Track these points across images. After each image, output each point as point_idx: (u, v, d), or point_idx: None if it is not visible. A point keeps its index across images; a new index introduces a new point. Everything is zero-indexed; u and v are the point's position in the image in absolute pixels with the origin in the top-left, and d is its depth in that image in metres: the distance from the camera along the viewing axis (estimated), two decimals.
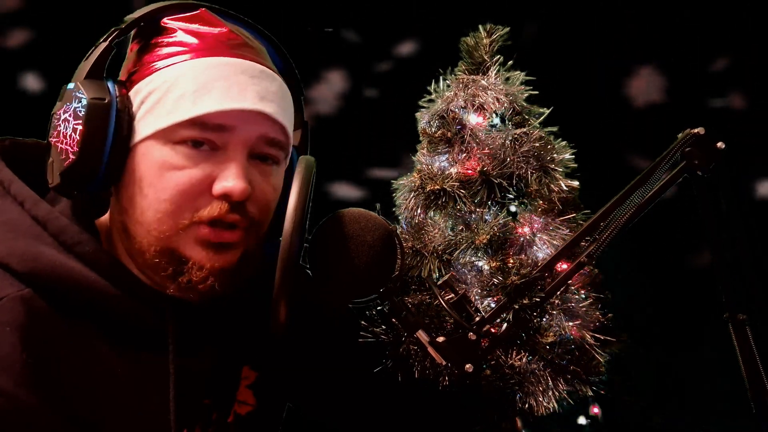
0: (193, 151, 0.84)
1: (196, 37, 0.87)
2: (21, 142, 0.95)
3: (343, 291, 0.89)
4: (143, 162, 0.84)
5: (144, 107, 0.84)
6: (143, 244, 0.85)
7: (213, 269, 0.85)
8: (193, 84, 0.83)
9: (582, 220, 1.01)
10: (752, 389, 0.87)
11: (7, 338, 0.78)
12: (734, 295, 0.89)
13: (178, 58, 0.85)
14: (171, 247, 0.85)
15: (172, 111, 0.83)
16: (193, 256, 0.85)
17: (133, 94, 0.85)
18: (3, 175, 0.88)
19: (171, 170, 0.83)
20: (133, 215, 0.86)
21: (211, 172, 0.84)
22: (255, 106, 0.85)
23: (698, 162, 0.90)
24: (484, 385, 0.97)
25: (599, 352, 0.99)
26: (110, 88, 0.84)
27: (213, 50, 0.86)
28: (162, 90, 0.84)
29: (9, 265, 0.81)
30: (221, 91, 0.84)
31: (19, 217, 0.85)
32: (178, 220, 0.84)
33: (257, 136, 0.86)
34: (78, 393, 0.82)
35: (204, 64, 0.85)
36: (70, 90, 0.84)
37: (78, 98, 0.83)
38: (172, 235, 0.84)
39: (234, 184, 0.83)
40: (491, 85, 1.06)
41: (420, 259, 1.00)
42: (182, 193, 0.84)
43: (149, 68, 0.86)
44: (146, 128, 0.84)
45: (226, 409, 0.98)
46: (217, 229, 0.85)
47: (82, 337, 0.83)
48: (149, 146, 0.84)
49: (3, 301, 0.79)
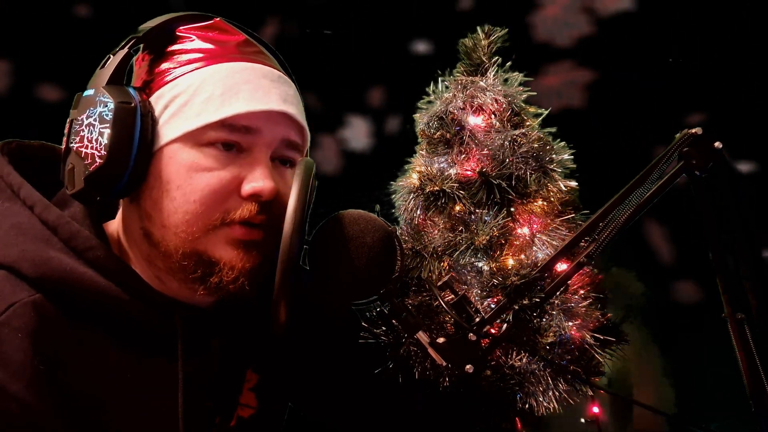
0: (222, 153, 0.85)
1: (215, 43, 0.89)
2: (27, 145, 0.95)
3: (343, 292, 0.89)
4: (170, 165, 0.85)
5: (169, 111, 0.85)
6: (170, 248, 0.85)
7: (244, 269, 0.85)
8: (221, 87, 0.85)
9: (581, 221, 1.01)
10: (751, 388, 0.87)
11: (19, 344, 0.78)
12: (733, 295, 0.89)
13: (199, 64, 0.86)
14: (199, 249, 0.85)
15: (200, 113, 0.84)
16: (223, 257, 0.85)
17: (155, 99, 0.86)
18: (12, 178, 0.89)
19: (200, 172, 0.84)
20: (159, 219, 0.85)
21: (239, 173, 0.85)
22: (280, 107, 0.87)
23: (696, 162, 0.90)
24: (484, 386, 0.97)
25: (599, 352, 0.99)
26: (133, 93, 0.84)
27: (232, 56, 0.88)
28: (188, 93, 0.85)
29: (20, 269, 0.81)
30: (248, 93, 0.85)
31: (29, 221, 0.85)
32: (207, 221, 0.84)
33: (280, 138, 0.88)
34: (87, 397, 0.82)
35: (228, 69, 0.86)
36: (91, 96, 0.84)
37: (103, 103, 0.83)
38: (201, 237, 0.85)
39: (264, 184, 0.85)
40: (490, 87, 1.06)
41: (420, 260, 1.00)
42: (212, 194, 0.84)
43: (169, 74, 0.86)
44: (172, 131, 0.84)
45: (229, 413, 0.98)
46: (247, 228, 0.86)
47: (92, 342, 0.83)
48: (176, 149, 0.85)
49: (14, 307, 0.79)
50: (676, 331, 2.84)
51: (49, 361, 0.79)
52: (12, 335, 0.78)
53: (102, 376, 0.83)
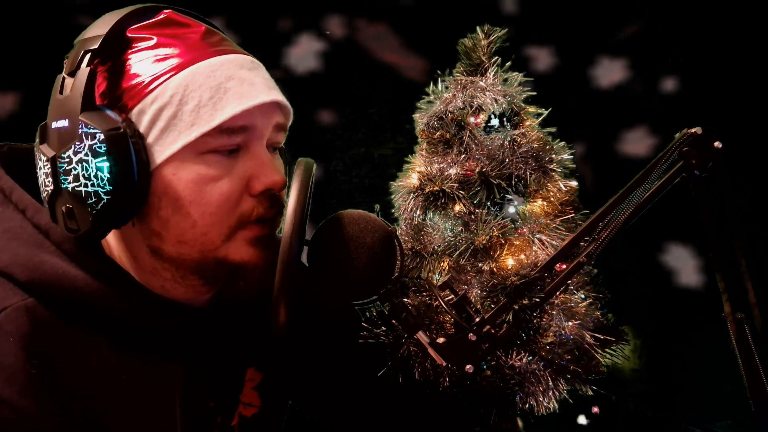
0: (224, 158, 0.83)
1: (179, 40, 0.83)
2: (18, 148, 0.94)
3: (343, 292, 0.89)
4: (175, 182, 0.81)
5: (158, 126, 0.80)
6: (188, 261, 0.84)
7: (266, 265, 0.85)
8: (207, 90, 0.81)
9: (581, 221, 1.01)
10: (751, 388, 0.87)
11: (11, 349, 0.77)
12: (733, 294, 0.89)
13: (173, 69, 0.81)
14: (221, 257, 0.84)
15: (194, 123, 0.80)
16: (245, 258, 0.85)
17: (136, 116, 0.80)
18: (3, 182, 0.88)
19: (209, 183, 0.82)
20: (173, 237, 0.83)
21: (244, 173, 0.85)
22: (269, 97, 0.86)
23: (696, 162, 0.90)
24: (484, 386, 0.97)
25: (599, 352, 0.99)
26: (114, 117, 0.79)
27: (204, 51, 0.84)
28: (174, 104, 0.80)
29: (12, 274, 0.80)
30: (235, 91, 0.82)
31: (21, 225, 0.84)
32: (225, 228, 0.84)
33: (273, 126, 0.88)
34: (83, 401, 0.82)
35: (206, 68, 0.82)
36: (68, 128, 0.78)
37: (90, 135, 0.77)
38: (221, 245, 0.84)
39: (274, 177, 0.85)
40: (489, 86, 1.06)
41: (420, 261, 1.00)
42: (227, 201, 0.83)
43: (144, 87, 0.80)
44: (168, 147, 0.80)
45: (230, 412, 0.98)
46: (261, 224, 0.86)
47: (86, 345, 0.83)
48: (177, 165, 0.81)
49: (6, 311, 0.79)
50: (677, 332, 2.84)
51: (43, 366, 0.78)
52: (4, 340, 0.77)
53: (98, 379, 0.83)
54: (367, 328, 1.00)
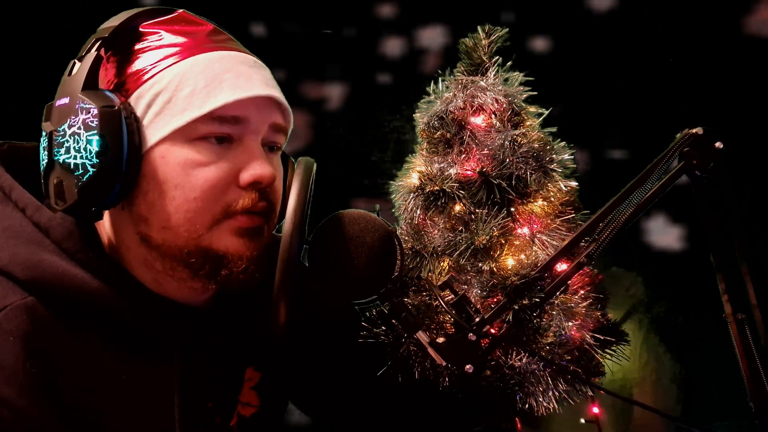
0: (215, 146, 0.85)
1: (185, 35, 0.87)
2: (19, 146, 0.94)
3: (343, 292, 0.89)
4: (163, 165, 0.83)
5: (152, 110, 0.83)
6: (173, 249, 0.85)
7: (252, 257, 0.86)
8: (203, 79, 0.83)
9: (581, 221, 1.01)
10: (751, 388, 0.87)
11: (11, 348, 0.77)
12: (733, 295, 0.89)
13: (175, 58, 0.84)
14: (204, 245, 0.85)
15: (186, 108, 0.82)
16: (229, 248, 0.85)
17: (135, 100, 0.83)
18: (3, 180, 0.88)
19: (197, 168, 0.83)
20: (158, 222, 0.84)
21: (234, 164, 0.85)
22: (264, 91, 0.87)
23: (696, 162, 0.90)
24: (484, 386, 0.97)
25: (599, 352, 0.99)
26: (112, 96, 0.82)
27: (207, 46, 0.86)
28: (170, 90, 0.83)
29: (12, 272, 0.81)
30: (231, 82, 0.84)
31: (21, 223, 0.84)
32: (210, 216, 0.84)
33: (269, 125, 0.88)
34: (82, 401, 0.82)
35: (206, 60, 0.85)
36: (67, 104, 0.81)
37: (85, 110, 0.80)
38: (205, 233, 0.84)
39: (263, 170, 0.85)
40: (490, 86, 1.06)
41: (420, 260, 1.00)
42: (212, 188, 0.84)
43: (145, 73, 0.84)
44: (160, 131, 0.83)
45: (228, 412, 0.98)
46: (249, 216, 0.86)
47: (86, 344, 0.83)
48: (166, 149, 0.83)
49: (6, 310, 0.79)
50: (677, 332, 2.84)
51: (43, 365, 0.78)
52: (4, 339, 0.77)
53: (97, 378, 0.83)
54: (367, 327, 1.00)
